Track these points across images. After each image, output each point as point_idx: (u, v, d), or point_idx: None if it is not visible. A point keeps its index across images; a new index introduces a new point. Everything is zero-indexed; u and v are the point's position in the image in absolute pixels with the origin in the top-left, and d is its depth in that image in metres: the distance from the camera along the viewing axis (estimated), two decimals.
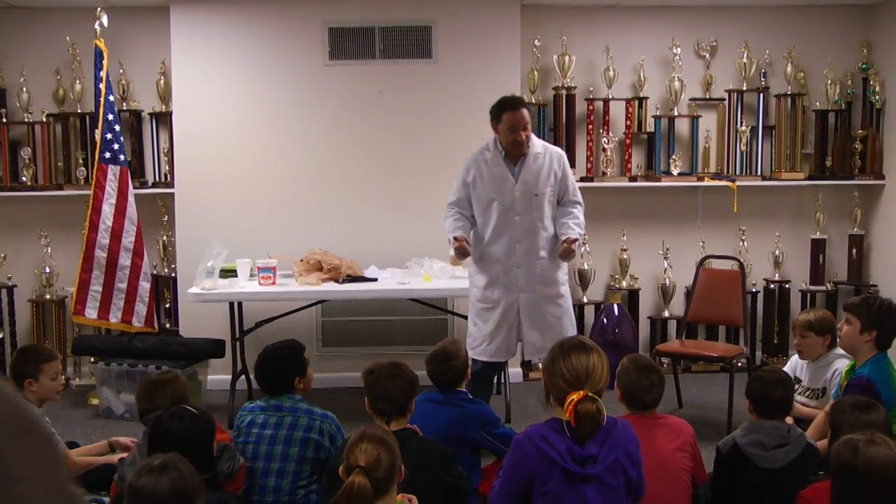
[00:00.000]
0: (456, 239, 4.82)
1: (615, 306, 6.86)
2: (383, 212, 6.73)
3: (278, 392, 3.93)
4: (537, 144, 4.93)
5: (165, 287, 6.95)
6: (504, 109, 4.79)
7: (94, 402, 6.31)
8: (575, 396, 2.94)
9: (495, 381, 6.40)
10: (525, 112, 4.79)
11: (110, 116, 6.31)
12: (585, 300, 7.05)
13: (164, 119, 6.90)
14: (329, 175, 6.72)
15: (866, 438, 2.74)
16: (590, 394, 2.95)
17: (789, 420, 3.83)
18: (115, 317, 6.34)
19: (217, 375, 6.43)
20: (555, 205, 4.94)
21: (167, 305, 6.95)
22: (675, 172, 6.97)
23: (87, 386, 6.67)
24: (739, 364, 6.06)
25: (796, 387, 4.62)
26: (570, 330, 4.97)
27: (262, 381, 3.99)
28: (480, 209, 4.92)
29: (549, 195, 4.88)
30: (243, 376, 6.27)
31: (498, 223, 4.86)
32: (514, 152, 4.84)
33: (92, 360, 6.41)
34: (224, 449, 3.68)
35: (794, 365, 4.87)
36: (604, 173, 6.94)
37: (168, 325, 6.90)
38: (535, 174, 4.85)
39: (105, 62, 6.30)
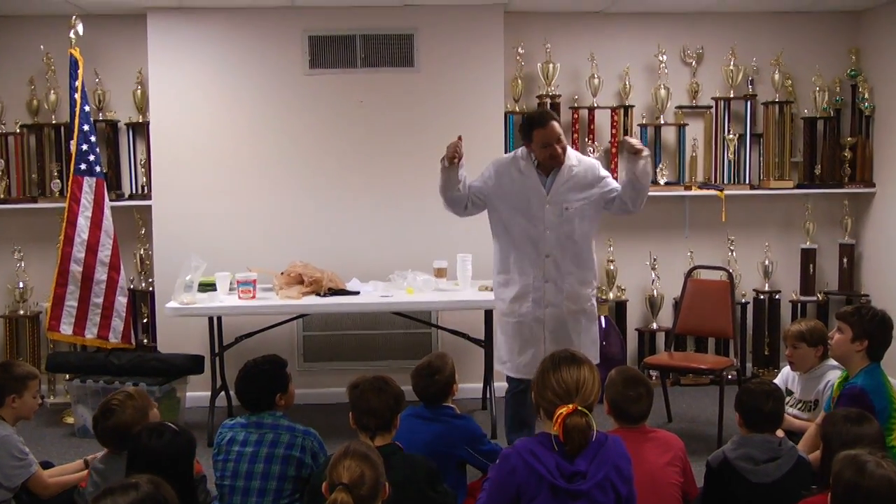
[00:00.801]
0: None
1: (602, 318, 6.85)
2: (365, 224, 6.73)
3: (259, 408, 3.91)
4: (572, 156, 4.88)
5: (143, 302, 6.90)
6: (533, 127, 4.76)
7: (70, 420, 6.27)
8: (564, 410, 2.93)
9: (484, 395, 6.43)
10: (555, 125, 4.74)
11: (86, 127, 6.28)
12: None
13: (140, 129, 6.87)
14: (310, 186, 6.71)
15: (875, 460, 2.76)
16: (579, 407, 2.95)
17: (780, 433, 3.84)
18: (90, 332, 6.30)
19: (196, 392, 6.39)
20: (589, 219, 4.87)
21: (144, 320, 6.91)
22: (661, 182, 6.98)
23: (62, 404, 6.63)
24: (729, 376, 6.05)
25: (788, 399, 4.64)
26: (591, 349, 4.89)
27: (243, 397, 3.97)
28: (509, 218, 4.87)
29: (581, 209, 4.82)
30: (223, 393, 6.24)
31: (527, 235, 4.82)
32: (552, 165, 4.80)
33: (67, 377, 6.35)
34: (201, 480, 3.66)
35: (785, 377, 4.89)
36: None
37: (145, 341, 6.86)
38: (568, 187, 4.81)
39: (80, 71, 6.28)
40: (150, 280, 6.87)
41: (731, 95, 7.14)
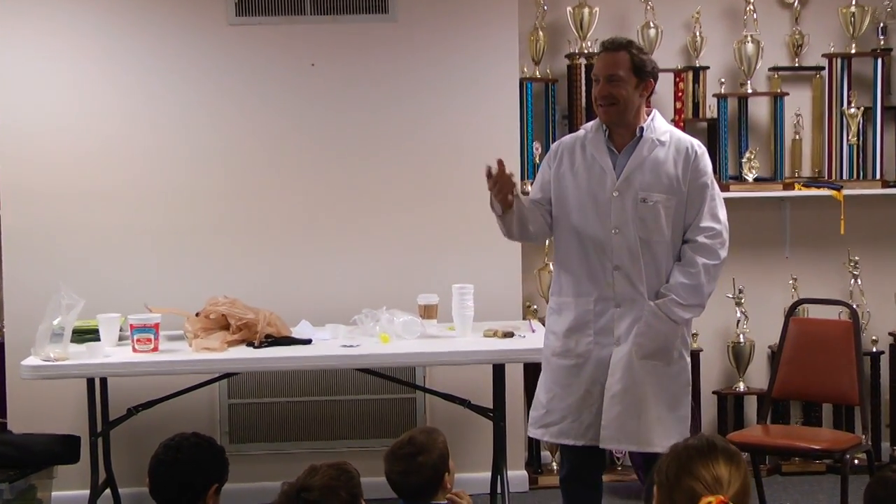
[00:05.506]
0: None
1: None
2: (319, 243, 6.73)
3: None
4: (660, 128, 4.85)
5: None
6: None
7: None
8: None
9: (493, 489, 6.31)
10: (615, 55, 4.74)
11: None
12: None
13: None
14: (237, 189, 6.70)
15: None
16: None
17: None
18: None
19: (68, 491, 6.31)
20: (680, 223, 4.81)
21: None
22: (749, 177, 6.98)
23: None
24: (856, 461, 6.01)
25: None
26: (675, 429, 4.75)
27: (162, 481, 3.90)
28: (565, 214, 4.84)
29: (668, 204, 4.76)
30: (108, 490, 6.16)
31: (588, 237, 4.78)
32: (605, 121, 4.79)
33: None
34: None
35: None
36: None
37: None
38: (648, 170, 4.75)
39: None
40: None
41: (853, 51, 7.12)
